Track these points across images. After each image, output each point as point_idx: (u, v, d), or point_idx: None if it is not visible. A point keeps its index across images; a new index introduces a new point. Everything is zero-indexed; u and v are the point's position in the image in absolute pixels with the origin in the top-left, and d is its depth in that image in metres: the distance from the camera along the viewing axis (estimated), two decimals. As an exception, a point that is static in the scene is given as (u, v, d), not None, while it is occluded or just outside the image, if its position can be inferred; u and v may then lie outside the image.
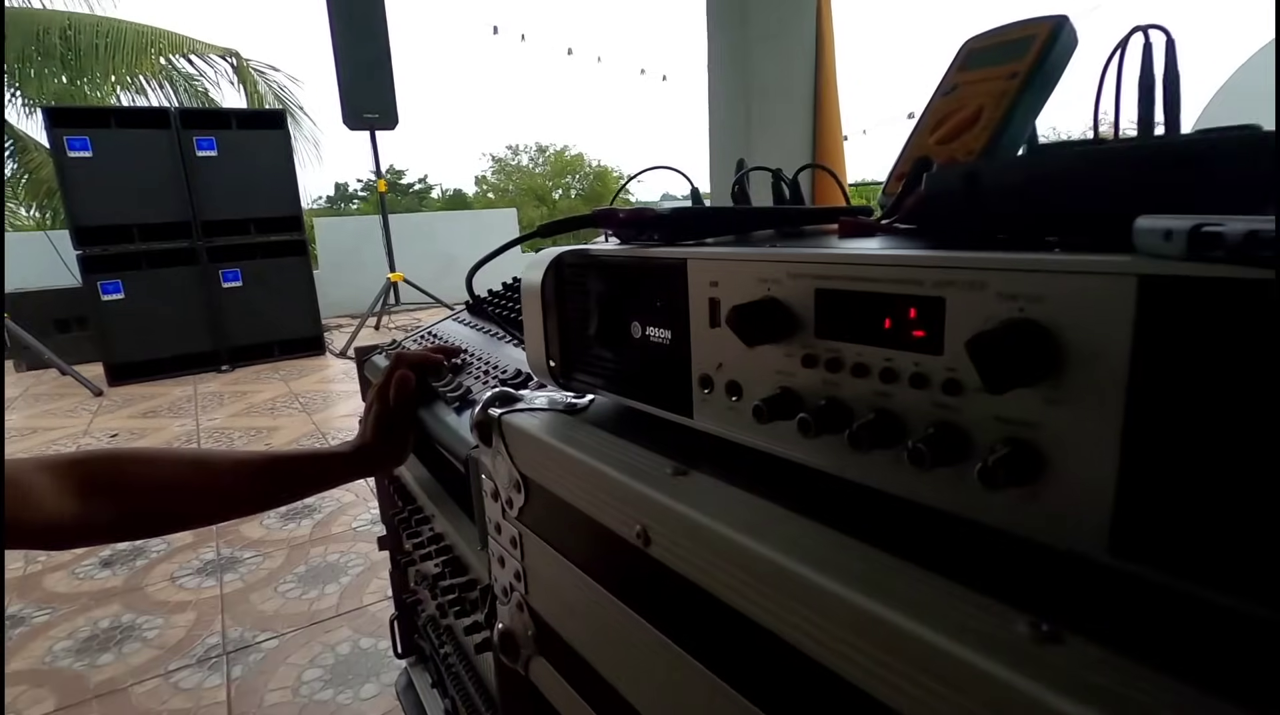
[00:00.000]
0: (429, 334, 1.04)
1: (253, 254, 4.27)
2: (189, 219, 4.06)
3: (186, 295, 4.10)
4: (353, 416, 3.08)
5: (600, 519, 0.38)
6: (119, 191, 3.85)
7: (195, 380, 3.96)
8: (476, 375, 0.77)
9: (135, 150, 3.89)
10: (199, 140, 4.05)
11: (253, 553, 1.85)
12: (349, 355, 4.38)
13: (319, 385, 3.73)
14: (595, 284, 0.43)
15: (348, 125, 4.61)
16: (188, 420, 3.14)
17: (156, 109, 4.62)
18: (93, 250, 3.85)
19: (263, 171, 4.24)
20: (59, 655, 1.43)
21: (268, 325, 4.34)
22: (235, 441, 2.81)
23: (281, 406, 3.31)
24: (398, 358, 0.79)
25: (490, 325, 1.00)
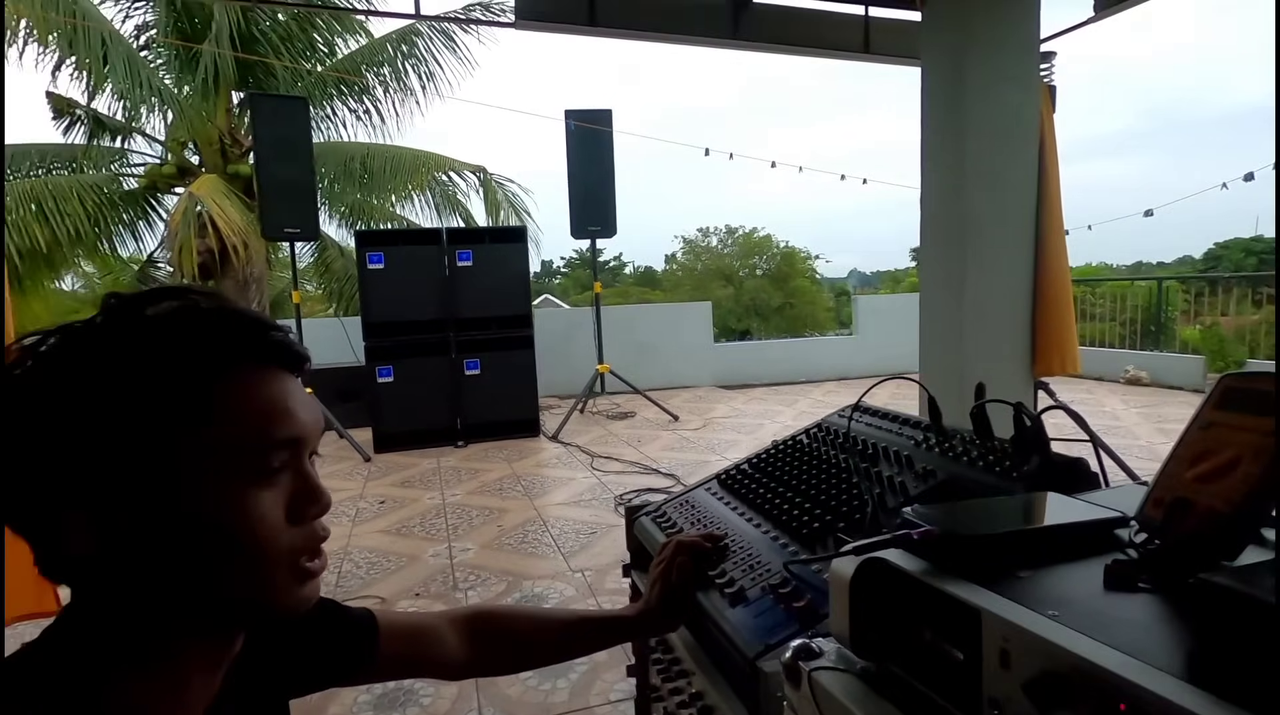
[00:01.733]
0: (685, 502, 1.23)
1: (490, 347, 4.98)
2: (446, 317, 4.87)
3: (437, 380, 4.87)
4: (567, 505, 3.44)
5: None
6: (399, 294, 4.76)
7: (438, 453, 4.64)
8: (744, 569, 0.93)
9: (414, 262, 4.80)
10: (459, 253, 4.89)
11: (496, 636, 2.15)
12: (560, 439, 4.87)
13: (536, 468, 4.19)
14: (895, 587, 0.57)
15: (574, 235, 5.28)
16: (436, 494, 3.70)
17: (432, 229, 5.67)
18: (376, 342, 4.75)
19: (504, 277, 4.98)
20: (361, 708, 1.79)
21: (496, 407, 4.98)
22: (474, 519, 3.26)
23: (508, 487, 3.78)
24: (678, 545, 0.98)
25: (738, 502, 1.17)
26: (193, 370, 0.46)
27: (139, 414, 0.45)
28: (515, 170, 27.35)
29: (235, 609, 0.50)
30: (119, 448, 0.44)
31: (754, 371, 7.54)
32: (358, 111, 9.08)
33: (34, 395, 0.45)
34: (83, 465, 0.44)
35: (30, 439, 0.44)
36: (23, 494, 0.45)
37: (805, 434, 1.31)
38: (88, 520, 0.44)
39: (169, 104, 8.23)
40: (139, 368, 0.45)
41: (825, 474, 1.10)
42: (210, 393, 0.46)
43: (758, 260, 28.18)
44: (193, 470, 0.46)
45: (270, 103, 4.87)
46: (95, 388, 0.45)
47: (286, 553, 0.49)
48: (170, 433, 0.45)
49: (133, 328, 0.47)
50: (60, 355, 0.46)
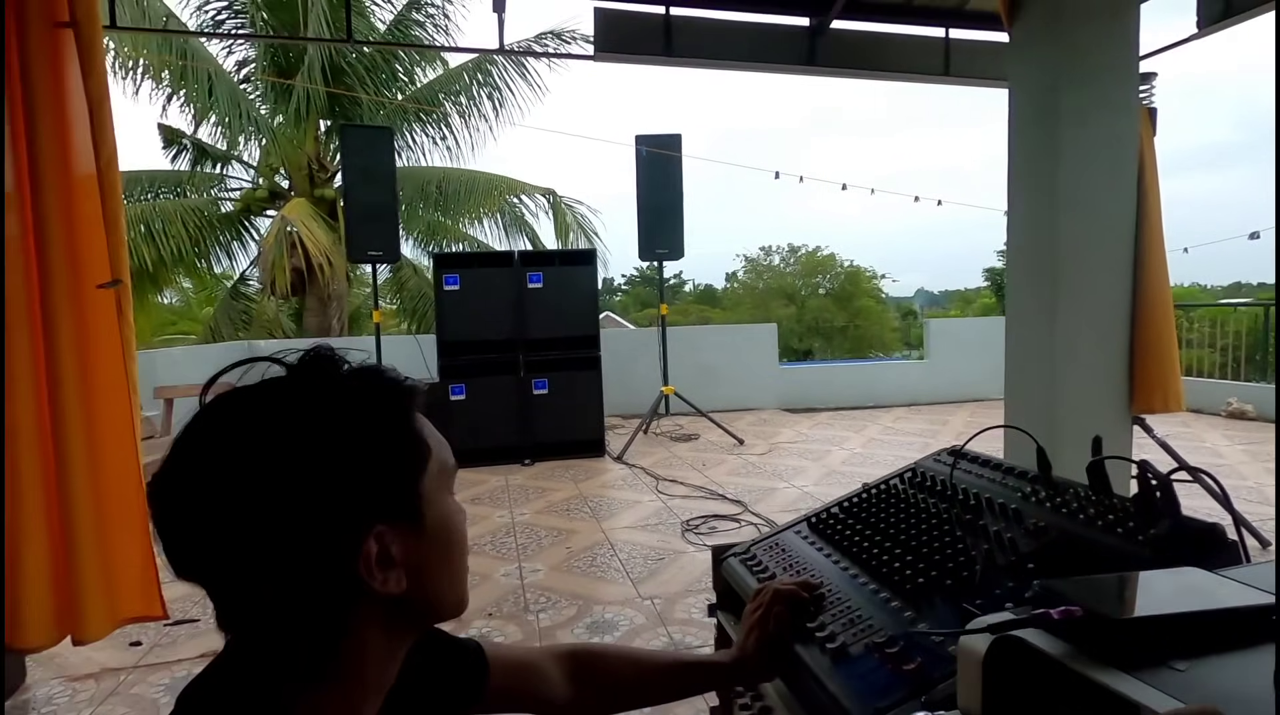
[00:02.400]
0: (775, 545, 1.22)
1: (558, 367, 5.06)
2: (516, 337, 4.98)
3: (507, 399, 4.98)
4: (634, 528, 3.44)
5: None
6: (472, 315, 4.91)
7: (505, 471, 4.73)
8: (844, 623, 0.91)
9: (488, 284, 4.95)
10: (530, 275, 5.01)
11: (568, 662, 2.16)
12: (625, 461, 4.89)
13: (602, 489, 4.21)
14: (1034, 668, 0.55)
15: (641, 258, 5.33)
16: (505, 512, 3.77)
17: (505, 252, 5.84)
18: (449, 361, 4.91)
19: (573, 299, 5.08)
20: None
21: (563, 427, 5.05)
22: (542, 540, 3.30)
23: (575, 508, 3.81)
24: (775, 594, 0.97)
25: (830, 548, 1.14)
26: (410, 415, 0.56)
27: (392, 447, 0.53)
28: (583, 191, 27.93)
29: (439, 611, 0.58)
30: (398, 472, 0.53)
31: (819, 395, 7.39)
32: (435, 137, 9.47)
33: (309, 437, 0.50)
34: (367, 492, 0.51)
35: (329, 473, 0.50)
36: (330, 520, 0.50)
37: (900, 479, 1.28)
38: (376, 542, 0.51)
39: (264, 132, 8.79)
40: (392, 416, 0.54)
41: (925, 524, 1.06)
42: (418, 429, 0.56)
43: (821, 279, 27.73)
44: (428, 489, 0.55)
45: (358, 133, 5.14)
46: (361, 433, 0.52)
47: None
48: (412, 458, 0.55)
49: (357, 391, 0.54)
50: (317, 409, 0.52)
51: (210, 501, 0.48)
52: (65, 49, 1.88)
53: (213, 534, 0.48)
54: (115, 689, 2.08)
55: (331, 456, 0.50)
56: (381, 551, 0.51)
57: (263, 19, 8.55)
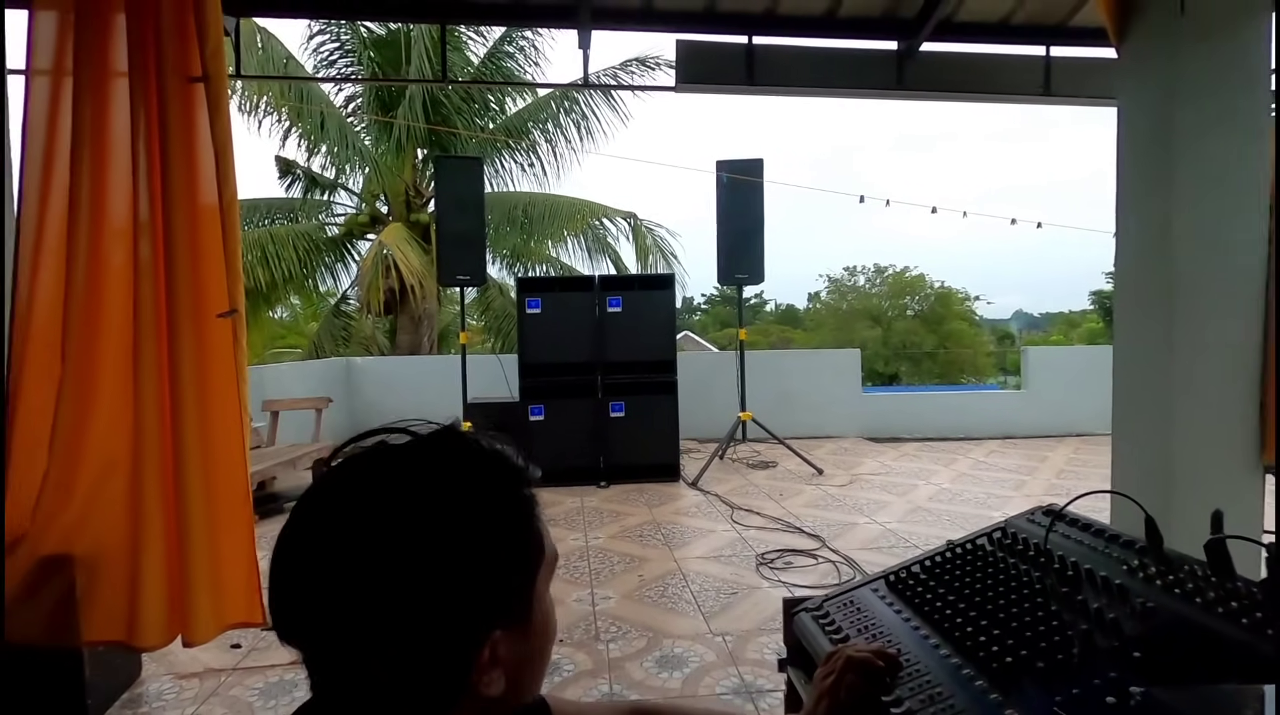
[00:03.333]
0: (849, 602, 1.17)
1: (635, 391, 5.10)
2: (594, 360, 5.06)
3: (584, 421, 5.05)
4: (707, 559, 3.39)
5: None
6: (553, 338, 5.03)
7: (582, 492, 4.78)
8: (922, 698, 0.86)
9: (568, 307, 5.07)
10: (610, 299, 5.09)
11: (637, 695, 2.14)
12: (699, 487, 4.84)
13: (676, 516, 4.19)
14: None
15: (720, 282, 5.31)
16: (580, 535, 3.81)
17: (585, 277, 5.97)
18: (529, 382, 5.04)
19: (651, 323, 5.11)
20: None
21: (638, 450, 5.07)
22: (615, 566, 3.31)
23: (648, 535, 3.80)
24: (848, 661, 0.92)
25: (909, 611, 1.08)
26: (534, 510, 0.55)
27: (524, 552, 0.54)
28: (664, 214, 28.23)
29: (527, 698, 0.58)
30: (520, 575, 0.53)
31: (905, 424, 7.09)
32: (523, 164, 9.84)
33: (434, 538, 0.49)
34: (489, 600, 0.50)
35: (464, 567, 0.49)
36: (454, 619, 0.49)
37: (988, 538, 1.20)
38: (491, 647, 0.50)
39: (367, 162, 9.41)
40: (519, 514, 0.53)
41: (1015, 594, 0.99)
42: (532, 526, 0.55)
43: (909, 300, 26.68)
44: (542, 590, 0.56)
45: (451, 163, 5.41)
46: (491, 534, 0.51)
47: None
48: (529, 561, 0.54)
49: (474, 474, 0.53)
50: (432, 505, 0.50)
51: (330, 578, 0.47)
52: (197, 101, 2.08)
53: (326, 609, 0.47)
54: (216, 689, 2.23)
55: (462, 556, 0.49)
56: (492, 655, 0.50)
57: (370, 57, 9.20)
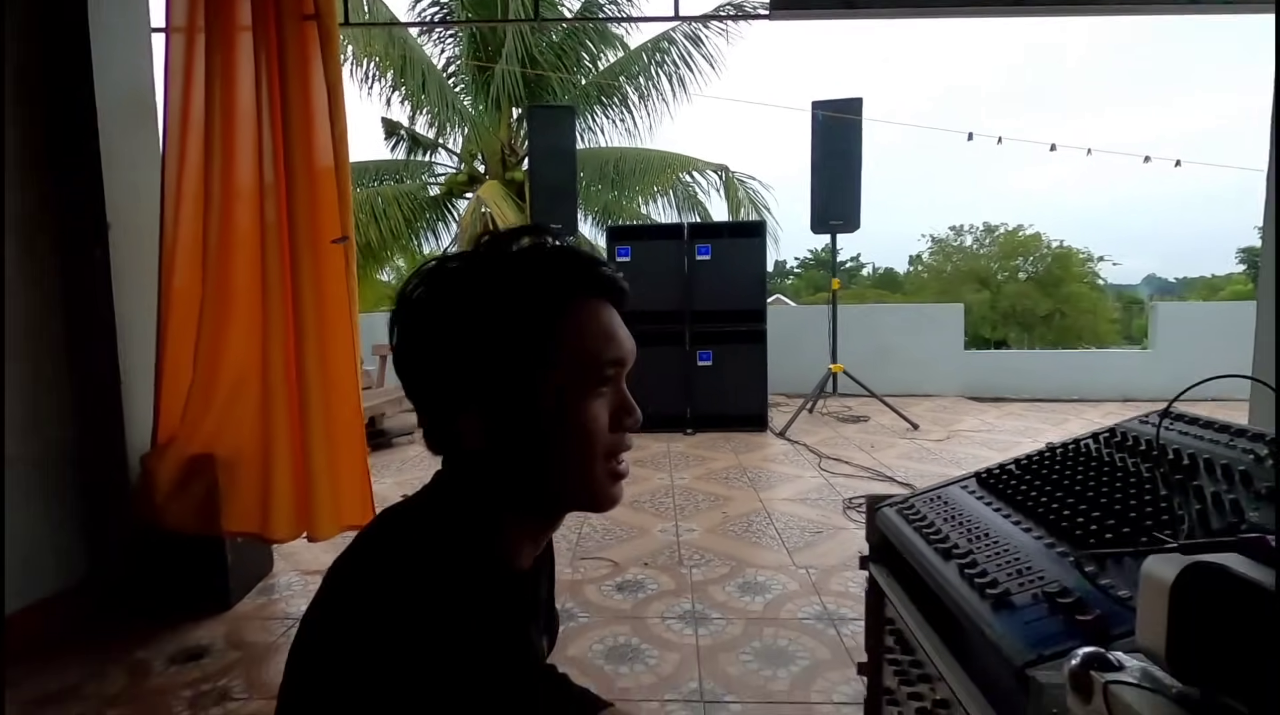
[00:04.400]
0: (938, 498, 1.14)
1: (723, 339, 5.07)
2: (682, 309, 5.06)
3: (671, 369, 5.09)
4: (793, 501, 3.38)
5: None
6: (642, 286, 5.05)
7: (668, 439, 4.85)
8: (1009, 572, 0.84)
9: (657, 256, 5.07)
10: (699, 247, 5.05)
11: (719, 615, 2.19)
12: (787, 436, 4.79)
13: (762, 462, 4.17)
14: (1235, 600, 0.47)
15: (814, 230, 5.14)
16: (665, 475, 3.88)
17: (674, 225, 5.93)
18: (618, 329, 5.11)
19: (741, 272, 5.04)
20: (596, 655, 1.95)
21: (725, 400, 5.06)
22: (700, 503, 3.36)
23: (734, 477, 3.82)
24: None
25: (1001, 503, 1.04)
26: (549, 300, 0.58)
27: (514, 336, 0.57)
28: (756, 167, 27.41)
29: (565, 497, 0.62)
30: (501, 362, 0.57)
31: (1011, 384, 6.67)
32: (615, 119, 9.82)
33: (436, 315, 0.59)
34: (473, 376, 0.58)
35: (434, 353, 0.59)
36: (430, 399, 0.61)
37: (1093, 438, 1.13)
38: (479, 422, 0.58)
39: (466, 122, 9.68)
40: (512, 297, 0.57)
41: (1121, 482, 0.93)
42: (563, 317, 0.58)
43: (1022, 262, 24.82)
44: (552, 380, 0.58)
45: (544, 113, 5.48)
46: (482, 312, 0.57)
47: (605, 453, 0.61)
48: (537, 351, 0.57)
49: (503, 263, 0.60)
50: (453, 284, 0.60)
51: (397, 349, 0.62)
52: (310, 38, 2.21)
53: (400, 371, 0.62)
54: (336, 584, 2.47)
55: (454, 340, 0.58)
56: (487, 428, 0.58)
57: (466, 13, 9.41)
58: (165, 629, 2.15)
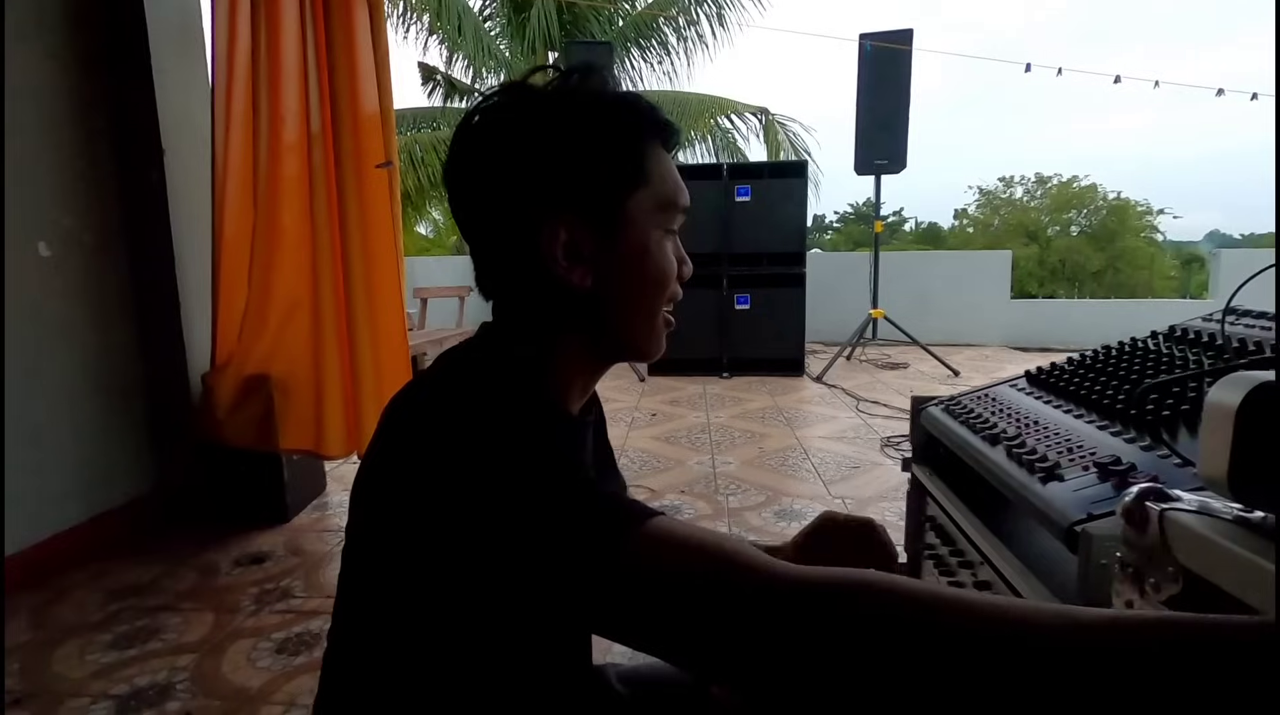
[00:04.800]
0: (986, 395, 1.13)
1: (761, 283, 5.02)
2: (720, 251, 5.01)
3: (707, 312, 5.08)
4: (830, 439, 3.38)
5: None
6: (679, 228, 5.01)
7: (704, 381, 4.87)
8: (1059, 450, 0.83)
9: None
10: (739, 188, 4.96)
11: (755, 537, 2.23)
12: (824, 381, 4.77)
13: (799, 404, 4.17)
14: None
15: (857, 171, 4.99)
16: (701, 414, 3.91)
17: (713, 165, 5.82)
18: (655, 272, 5.10)
19: (780, 214, 4.94)
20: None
21: (762, 344, 5.04)
22: (735, 439, 3.38)
23: (770, 417, 3.83)
24: None
25: (1053, 396, 1.03)
26: (637, 138, 0.58)
27: (612, 147, 0.57)
28: (797, 109, 26.51)
29: (626, 334, 0.62)
30: (599, 168, 0.57)
31: (1058, 335, 6.49)
32: (653, 62, 9.58)
33: (528, 120, 0.58)
34: (569, 180, 0.57)
35: (523, 158, 0.57)
36: (504, 213, 0.58)
37: (1151, 336, 1.10)
38: (566, 233, 0.57)
39: (502, 66, 9.55)
40: (608, 115, 0.58)
41: (1181, 371, 0.91)
42: (646, 157, 0.58)
43: (1074, 215, 23.78)
44: (634, 209, 0.58)
45: (581, 49, 5.38)
46: (582, 120, 0.57)
47: (669, 298, 0.62)
48: (632, 167, 0.58)
49: (586, 91, 0.59)
50: (541, 98, 0.59)
51: (458, 166, 0.60)
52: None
53: (463, 197, 0.60)
54: (385, 502, 2.58)
55: (546, 144, 0.56)
56: (570, 242, 0.57)
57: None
58: (229, 536, 2.28)
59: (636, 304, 0.60)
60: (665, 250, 0.61)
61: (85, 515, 2.17)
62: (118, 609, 1.83)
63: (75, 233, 2.16)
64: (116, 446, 2.31)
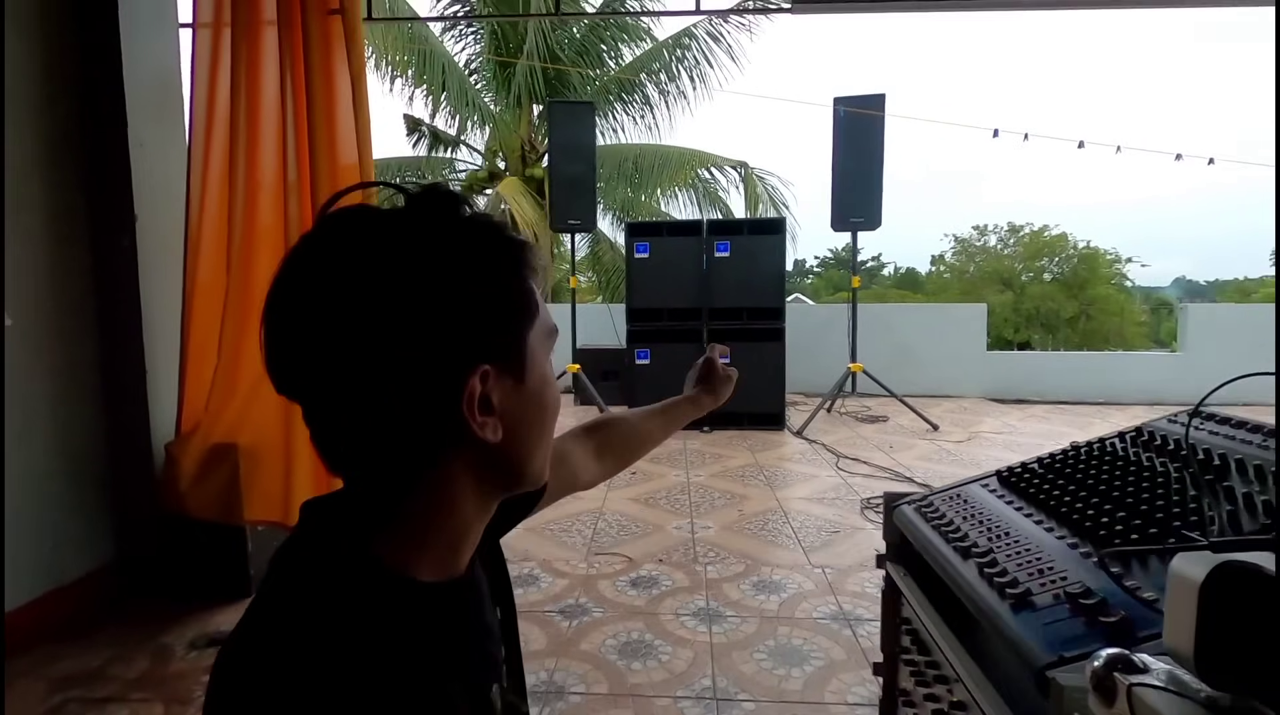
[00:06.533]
0: (957, 496, 1.12)
1: (741, 337, 5.04)
2: (700, 306, 5.05)
3: (688, 365, 5.06)
4: (810, 500, 3.35)
5: None
6: (660, 283, 5.06)
7: (684, 436, 4.83)
8: (1030, 572, 0.82)
9: (676, 252, 5.06)
10: (718, 244, 5.03)
11: (733, 612, 2.18)
12: (805, 436, 4.76)
13: (779, 461, 4.15)
14: (1268, 601, 0.45)
15: (834, 228, 5.09)
16: (681, 472, 3.87)
17: (694, 221, 5.92)
18: (636, 327, 5.11)
19: (760, 269, 5.01)
20: (608, 650, 1.95)
21: (743, 398, 5.00)
22: (715, 501, 3.35)
23: (750, 476, 3.80)
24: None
25: (1023, 502, 1.02)
26: (524, 270, 0.54)
27: (504, 282, 0.52)
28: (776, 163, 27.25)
29: (518, 478, 0.56)
30: (508, 319, 0.52)
31: (1035, 386, 6.56)
32: (635, 116, 9.82)
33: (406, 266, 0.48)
34: (479, 336, 0.50)
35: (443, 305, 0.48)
36: (439, 352, 0.49)
37: (1119, 437, 1.11)
38: (480, 383, 0.50)
39: (487, 119, 9.73)
40: (508, 263, 0.53)
41: (1149, 483, 0.91)
42: (532, 287, 0.54)
43: (1047, 263, 24.39)
44: (534, 347, 0.55)
45: (563, 108, 5.49)
46: (468, 260, 0.50)
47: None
48: (524, 300, 0.54)
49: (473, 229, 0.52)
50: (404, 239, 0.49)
51: (322, 317, 0.46)
52: (335, 32, 2.24)
53: (319, 350, 0.47)
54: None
55: (448, 290, 0.49)
56: (484, 395, 0.50)
57: (487, 9, 9.45)
58: (187, 613, 2.19)
59: (540, 439, 0.57)
60: (553, 378, 0.59)
61: (37, 592, 2.08)
62: (61, 700, 1.73)
63: (41, 301, 2.12)
64: (73, 519, 2.23)
